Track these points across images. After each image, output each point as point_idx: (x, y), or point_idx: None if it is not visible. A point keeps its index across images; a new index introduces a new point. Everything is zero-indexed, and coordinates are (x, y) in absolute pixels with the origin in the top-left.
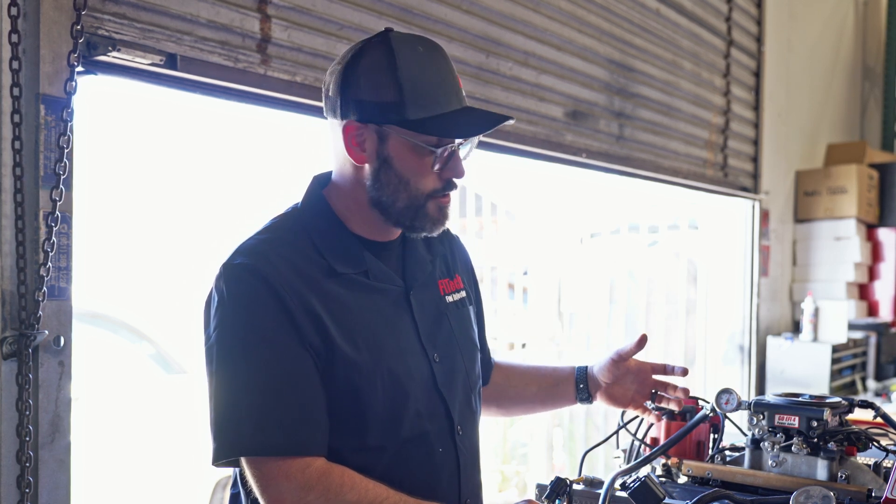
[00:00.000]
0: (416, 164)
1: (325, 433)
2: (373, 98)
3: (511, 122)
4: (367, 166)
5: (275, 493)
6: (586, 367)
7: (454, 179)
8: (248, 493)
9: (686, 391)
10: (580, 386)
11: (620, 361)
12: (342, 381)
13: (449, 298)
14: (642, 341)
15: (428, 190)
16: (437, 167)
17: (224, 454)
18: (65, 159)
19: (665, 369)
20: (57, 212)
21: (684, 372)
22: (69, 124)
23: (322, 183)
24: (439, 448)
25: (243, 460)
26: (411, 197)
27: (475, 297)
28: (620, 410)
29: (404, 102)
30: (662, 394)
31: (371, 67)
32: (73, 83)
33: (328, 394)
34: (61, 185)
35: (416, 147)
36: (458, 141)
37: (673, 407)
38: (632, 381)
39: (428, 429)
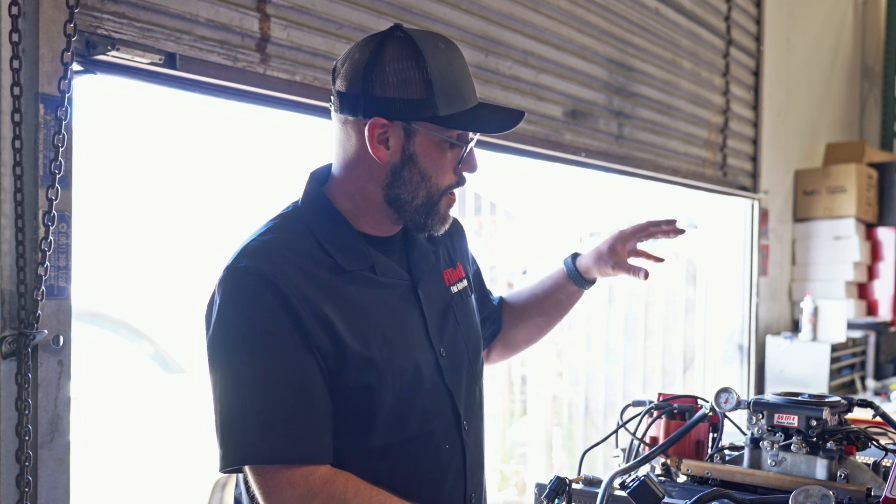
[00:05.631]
0: (440, 160)
1: (330, 439)
2: (401, 95)
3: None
4: (387, 163)
5: (278, 501)
6: (574, 263)
7: (466, 174)
8: (252, 496)
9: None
10: (579, 282)
11: (617, 246)
12: (353, 380)
13: (453, 288)
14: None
15: (445, 185)
16: (456, 163)
17: (230, 462)
18: (60, 158)
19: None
20: (53, 211)
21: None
22: (63, 123)
23: (320, 179)
24: (446, 445)
25: (246, 467)
26: (430, 193)
27: (474, 270)
28: (620, 409)
29: (434, 99)
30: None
31: (398, 65)
32: (67, 81)
33: (339, 394)
34: (57, 184)
35: (441, 143)
36: (474, 136)
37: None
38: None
39: (435, 425)
